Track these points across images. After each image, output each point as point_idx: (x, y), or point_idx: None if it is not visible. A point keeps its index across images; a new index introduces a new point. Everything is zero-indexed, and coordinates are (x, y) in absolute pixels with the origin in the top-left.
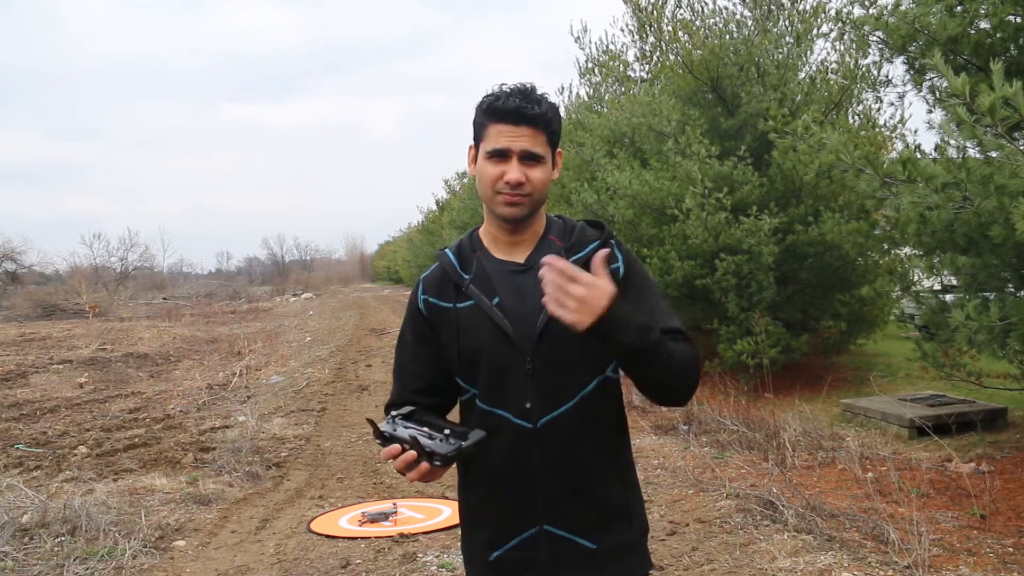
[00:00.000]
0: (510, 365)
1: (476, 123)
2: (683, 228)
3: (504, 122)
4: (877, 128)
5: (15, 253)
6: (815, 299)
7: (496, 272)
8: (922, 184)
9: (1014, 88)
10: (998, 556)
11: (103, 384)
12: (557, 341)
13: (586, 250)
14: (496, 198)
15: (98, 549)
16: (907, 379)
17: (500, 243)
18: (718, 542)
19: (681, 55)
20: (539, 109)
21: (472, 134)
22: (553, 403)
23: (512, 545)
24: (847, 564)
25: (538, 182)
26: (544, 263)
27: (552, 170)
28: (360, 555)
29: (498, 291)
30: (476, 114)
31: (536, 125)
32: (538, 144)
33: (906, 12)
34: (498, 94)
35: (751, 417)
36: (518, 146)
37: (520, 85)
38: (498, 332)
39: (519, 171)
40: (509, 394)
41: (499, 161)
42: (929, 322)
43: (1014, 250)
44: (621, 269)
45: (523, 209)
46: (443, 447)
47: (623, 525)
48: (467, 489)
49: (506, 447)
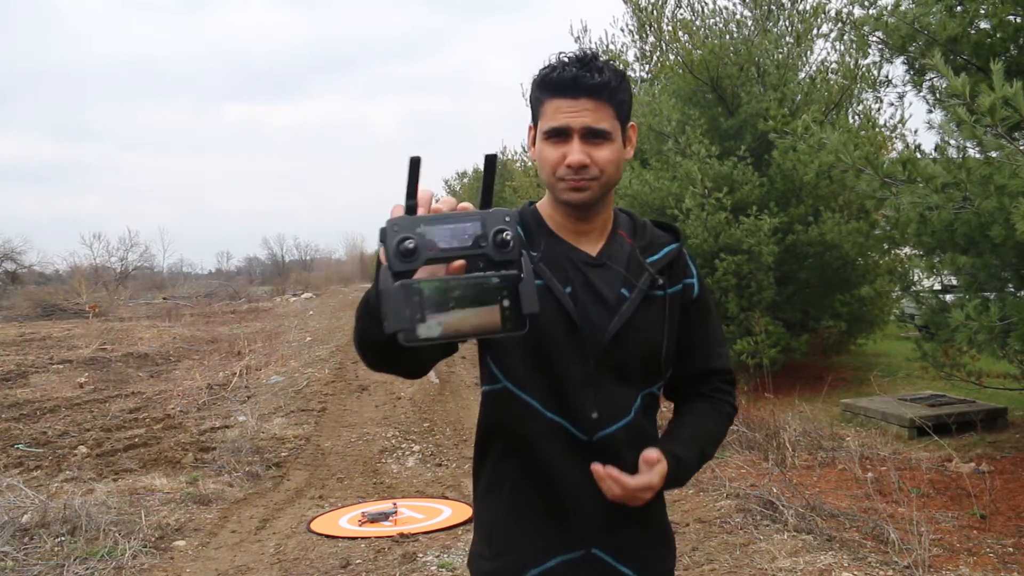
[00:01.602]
0: (572, 365)
1: (532, 99)
2: (683, 228)
3: (561, 96)
4: (877, 128)
5: (15, 253)
6: (815, 299)
7: (566, 259)
8: (922, 184)
9: (1014, 88)
10: (998, 556)
11: (103, 384)
12: (624, 351)
13: (662, 252)
14: (559, 185)
15: (98, 549)
16: (907, 379)
17: (566, 230)
18: (718, 542)
19: (681, 55)
20: (601, 77)
21: (530, 113)
22: (612, 416)
23: (551, 566)
24: (847, 564)
25: (606, 162)
26: (594, 472)
27: (624, 147)
28: (360, 555)
29: (571, 279)
30: (531, 89)
31: (598, 96)
32: (602, 118)
33: (906, 12)
34: (553, 64)
35: (751, 417)
36: (578, 122)
37: (579, 52)
38: (567, 324)
39: (582, 151)
40: (571, 399)
41: (559, 141)
42: (929, 322)
43: (1014, 250)
44: (696, 288)
45: (590, 194)
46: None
47: (664, 551)
48: (498, 499)
49: (555, 459)
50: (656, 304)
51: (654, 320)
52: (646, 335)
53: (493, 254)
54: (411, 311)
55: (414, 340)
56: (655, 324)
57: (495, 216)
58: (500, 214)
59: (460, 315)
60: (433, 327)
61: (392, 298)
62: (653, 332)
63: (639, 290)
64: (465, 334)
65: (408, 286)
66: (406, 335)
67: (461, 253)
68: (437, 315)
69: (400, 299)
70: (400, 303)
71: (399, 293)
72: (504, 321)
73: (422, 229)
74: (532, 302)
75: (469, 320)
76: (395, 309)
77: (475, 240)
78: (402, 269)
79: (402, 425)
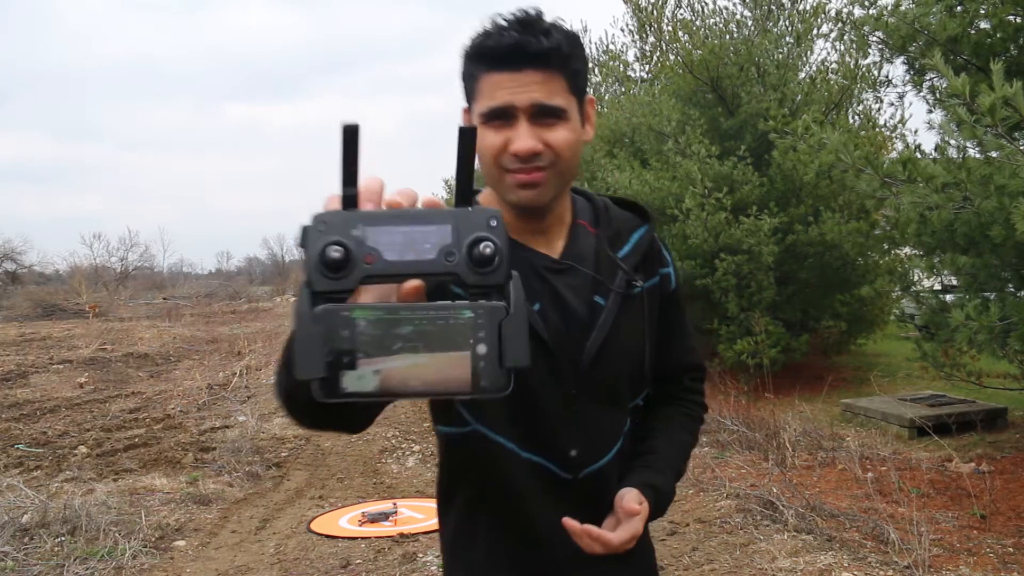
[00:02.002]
0: (549, 397)
1: (464, 75)
2: (683, 228)
3: (500, 68)
4: (877, 128)
5: (15, 253)
6: (815, 299)
7: (527, 266)
8: (922, 184)
9: (1014, 88)
10: (998, 556)
11: (103, 384)
12: (607, 370)
13: (632, 241)
14: (505, 180)
15: (98, 549)
16: (907, 379)
17: (516, 229)
18: (718, 542)
19: (681, 55)
20: (549, 41)
21: (463, 92)
22: (598, 450)
23: None
24: (847, 564)
25: (562, 146)
26: (568, 528)
27: (583, 126)
28: (360, 555)
29: (537, 292)
30: (463, 63)
31: (547, 65)
32: (554, 92)
33: (906, 12)
34: (488, 30)
35: (751, 417)
36: (524, 99)
37: (520, 11)
38: (541, 350)
39: (531, 135)
40: (550, 436)
41: (501, 125)
42: (929, 322)
43: (1014, 250)
44: (672, 279)
45: (544, 191)
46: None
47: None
48: (470, 557)
49: (535, 503)
50: (635, 306)
51: (635, 326)
52: (630, 346)
53: (467, 275)
54: (334, 352)
55: (336, 395)
56: (637, 331)
57: (474, 218)
58: (482, 217)
59: (410, 363)
60: (367, 378)
61: (307, 329)
62: (636, 340)
63: (615, 294)
64: (415, 392)
65: (333, 314)
66: (324, 387)
67: (418, 270)
68: (375, 360)
69: (318, 332)
70: (316, 338)
71: (318, 323)
72: (476, 377)
73: (361, 232)
74: (521, 350)
75: (424, 372)
76: (309, 346)
77: (441, 252)
78: (327, 289)
79: (402, 425)
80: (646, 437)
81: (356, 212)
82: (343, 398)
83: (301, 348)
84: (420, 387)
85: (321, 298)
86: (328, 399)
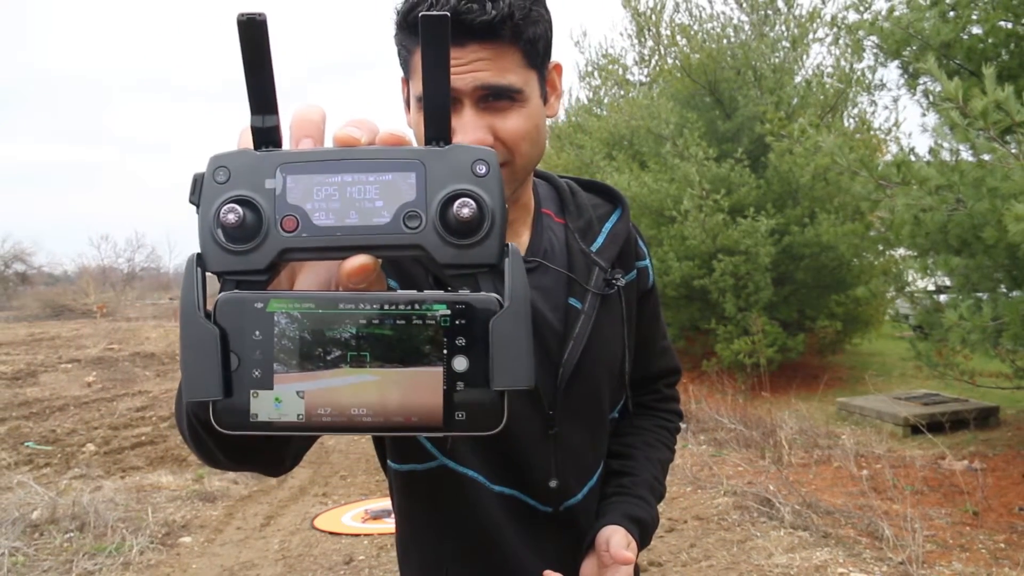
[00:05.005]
0: (523, 420)
1: (398, 46)
2: (681, 229)
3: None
4: (872, 131)
5: (25, 254)
6: (811, 299)
7: None
8: (916, 186)
9: (1006, 92)
10: (990, 552)
11: (111, 383)
12: (587, 384)
13: (605, 231)
14: None
15: (106, 545)
16: (902, 378)
17: None
18: (716, 539)
19: (679, 59)
20: (495, 8)
21: (399, 63)
22: (579, 478)
23: None
24: (842, 560)
25: (519, 135)
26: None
27: (545, 104)
28: (363, 551)
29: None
30: (395, 31)
31: (495, 37)
32: (507, 69)
33: (900, 18)
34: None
35: (748, 416)
36: (468, 81)
37: None
38: None
39: (478, 126)
40: (524, 466)
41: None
42: (923, 322)
43: (1006, 251)
44: (650, 274)
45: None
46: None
47: None
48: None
49: (509, 542)
50: (613, 307)
51: (614, 332)
52: (610, 353)
53: (438, 249)
54: (240, 362)
55: (241, 425)
56: (616, 336)
57: (451, 161)
58: (464, 158)
59: (352, 383)
60: (288, 402)
61: (198, 329)
62: (615, 346)
63: (592, 295)
64: (359, 425)
65: (238, 306)
66: (225, 414)
67: (365, 241)
68: (299, 377)
69: (212, 334)
70: (210, 343)
71: (216, 319)
72: (450, 405)
73: (279, 182)
74: (521, 364)
75: (372, 396)
76: (201, 355)
77: (399, 213)
78: (226, 268)
79: None
80: (621, 454)
81: (274, 152)
82: (252, 430)
83: (190, 358)
84: (366, 418)
85: (226, 283)
86: (230, 431)
